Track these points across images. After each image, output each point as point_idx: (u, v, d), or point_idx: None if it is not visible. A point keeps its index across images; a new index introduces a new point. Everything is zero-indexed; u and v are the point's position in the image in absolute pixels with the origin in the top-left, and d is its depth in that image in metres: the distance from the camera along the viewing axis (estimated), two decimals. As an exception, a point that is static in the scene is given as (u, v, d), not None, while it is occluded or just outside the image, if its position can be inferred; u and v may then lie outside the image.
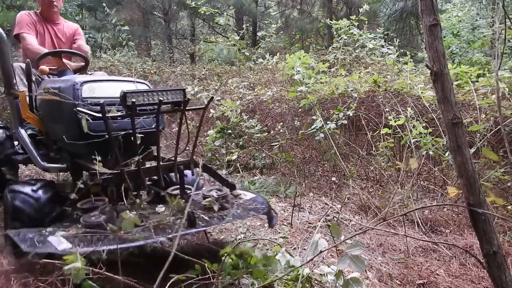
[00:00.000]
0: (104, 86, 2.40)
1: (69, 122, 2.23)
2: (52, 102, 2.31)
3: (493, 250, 1.20)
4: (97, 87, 2.35)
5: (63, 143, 2.36)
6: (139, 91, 2.01)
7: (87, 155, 2.28)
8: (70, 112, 2.20)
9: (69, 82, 2.28)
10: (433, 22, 1.10)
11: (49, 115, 2.47)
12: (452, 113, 1.15)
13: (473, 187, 1.20)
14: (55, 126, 2.44)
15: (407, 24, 7.01)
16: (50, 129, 2.54)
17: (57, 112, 2.32)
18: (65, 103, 2.20)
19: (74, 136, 2.21)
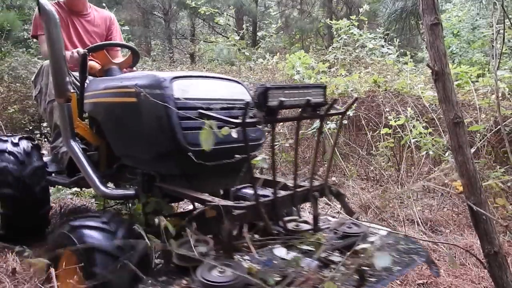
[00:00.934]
0: (198, 84, 1.81)
1: (156, 133, 1.64)
2: (122, 105, 1.78)
3: (494, 250, 1.20)
4: (190, 85, 1.74)
5: (137, 161, 1.83)
6: (281, 86, 1.44)
7: (177, 177, 1.74)
8: (157, 118, 1.61)
9: (152, 79, 1.68)
10: (434, 21, 1.10)
11: (113, 124, 1.88)
12: (454, 113, 1.15)
13: (474, 187, 1.20)
14: (123, 137, 1.86)
15: (407, 24, 7.01)
16: (113, 142, 1.93)
17: (132, 119, 1.73)
18: (148, 107, 1.62)
19: (162, 151, 1.67)
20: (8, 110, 6.20)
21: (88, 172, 1.89)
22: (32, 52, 9.24)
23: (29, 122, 6.19)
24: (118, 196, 1.92)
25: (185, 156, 1.59)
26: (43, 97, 2.47)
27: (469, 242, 2.61)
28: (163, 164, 1.74)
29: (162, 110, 1.59)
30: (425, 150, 3.36)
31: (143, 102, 1.61)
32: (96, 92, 1.98)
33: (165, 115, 1.59)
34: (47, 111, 2.43)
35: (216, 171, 1.70)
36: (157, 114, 1.61)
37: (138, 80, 1.73)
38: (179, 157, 1.65)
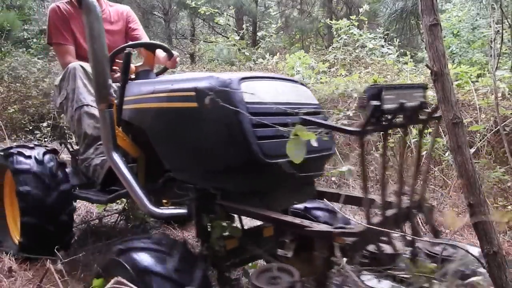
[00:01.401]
0: (266, 86, 1.61)
1: (224, 143, 1.44)
2: (178, 111, 1.56)
3: (493, 250, 1.20)
4: (258, 87, 1.54)
5: (194, 176, 1.62)
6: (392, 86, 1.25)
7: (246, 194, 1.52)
8: (226, 126, 1.41)
9: (217, 81, 1.47)
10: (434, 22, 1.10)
11: (164, 132, 1.65)
12: (453, 113, 1.15)
13: (473, 187, 1.20)
14: (178, 148, 1.61)
15: (407, 24, 7.01)
16: (164, 153, 1.69)
17: (191, 128, 1.52)
18: (213, 113, 1.41)
19: (232, 165, 1.46)
20: (8, 110, 6.20)
21: (135, 188, 1.65)
22: (32, 52, 9.25)
23: (29, 122, 6.20)
24: (168, 215, 1.69)
25: (260, 170, 1.40)
26: (70, 103, 2.23)
27: (469, 242, 2.61)
28: (231, 179, 1.51)
29: (231, 117, 1.37)
30: (425, 150, 3.35)
31: (206, 108, 1.38)
32: (140, 96, 1.76)
33: (236, 122, 1.37)
34: (75, 118, 2.20)
35: (290, 186, 1.52)
36: (225, 122, 1.40)
37: (197, 82, 1.52)
38: (253, 171, 1.43)
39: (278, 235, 1.63)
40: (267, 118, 1.38)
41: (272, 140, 1.40)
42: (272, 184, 1.49)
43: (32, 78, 6.61)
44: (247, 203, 1.49)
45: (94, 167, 2.12)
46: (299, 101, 1.64)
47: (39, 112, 6.27)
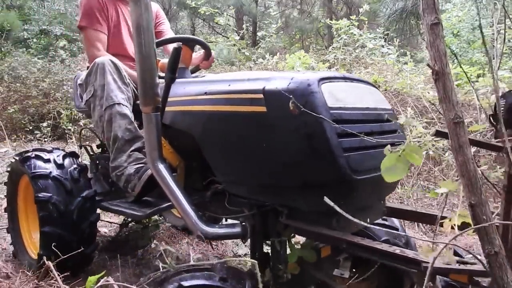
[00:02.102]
0: (346, 88, 1.38)
1: (302, 155, 1.22)
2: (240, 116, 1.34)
3: (494, 250, 1.19)
4: (339, 89, 1.33)
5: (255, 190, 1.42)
6: None
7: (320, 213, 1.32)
8: (305, 135, 1.20)
9: (293, 81, 1.25)
10: (435, 21, 1.09)
11: (220, 140, 1.45)
12: (454, 113, 1.15)
13: (474, 187, 1.20)
14: (238, 159, 1.41)
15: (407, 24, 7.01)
16: (217, 163, 1.50)
17: (257, 135, 1.31)
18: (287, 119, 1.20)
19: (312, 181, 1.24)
20: (8, 110, 6.20)
21: (183, 204, 1.44)
22: (32, 52, 9.25)
23: (29, 122, 6.19)
24: (222, 236, 1.47)
25: (345, 187, 1.21)
26: (98, 101, 1.97)
27: (469, 242, 2.61)
28: (308, 196, 1.28)
29: (313, 125, 1.17)
30: (425, 150, 3.35)
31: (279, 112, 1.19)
32: (187, 98, 1.57)
33: (319, 132, 1.16)
34: (104, 119, 1.94)
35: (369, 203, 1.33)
36: (305, 131, 1.18)
37: (265, 82, 1.30)
38: (337, 189, 1.22)
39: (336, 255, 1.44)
40: (352, 126, 1.20)
41: (359, 152, 1.20)
42: (356, 203, 1.27)
43: (32, 78, 6.60)
44: (321, 224, 1.29)
45: (128, 177, 1.86)
46: (377, 106, 1.45)
47: (39, 112, 6.27)
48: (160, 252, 2.32)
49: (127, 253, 2.36)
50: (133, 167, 1.86)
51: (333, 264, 1.42)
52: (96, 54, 2.15)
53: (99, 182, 2.16)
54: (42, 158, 2.00)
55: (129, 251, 2.41)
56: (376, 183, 1.12)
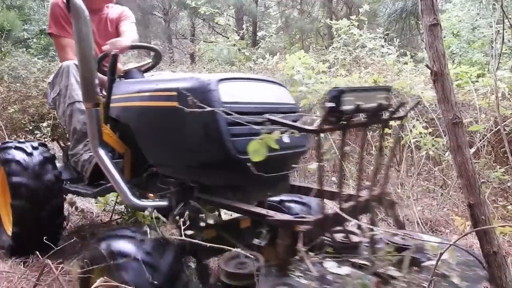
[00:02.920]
0: (244, 86, 1.69)
1: (201, 140, 1.53)
2: (161, 110, 1.65)
3: (493, 250, 1.20)
4: (236, 88, 1.63)
5: (175, 170, 1.74)
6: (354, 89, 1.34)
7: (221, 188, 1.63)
8: (203, 124, 1.49)
9: (197, 82, 1.56)
10: (433, 22, 1.10)
11: (148, 130, 1.77)
12: (453, 113, 1.15)
13: (473, 187, 1.20)
14: (161, 145, 1.73)
15: (407, 24, 7.02)
16: (148, 150, 1.82)
17: (173, 126, 1.62)
18: (193, 112, 1.43)
19: (208, 161, 1.55)
20: (8, 110, 6.20)
21: (118, 182, 1.76)
22: (32, 52, 9.26)
23: (29, 122, 6.19)
24: (149, 206, 1.73)
25: (233, 166, 1.48)
26: (62, 99, 2.30)
27: (469, 242, 2.61)
28: (208, 174, 1.61)
29: (209, 116, 1.43)
30: (425, 150, 3.36)
31: (186, 106, 1.44)
32: (126, 95, 1.87)
33: (213, 121, 1.46)
34: (67, 114, 2.27)
35: (265, 181, 1.53)
36: (203, 120, 1.47)
37: (179, 83, 1.60)
38: (227, 167, 1.53)
39: (255, 227, 1.74)
40: (243, 117, 1.42)
41: (246, 138, 1.39)
42: (245, 179, 1.53)
43: (32, 78, 6.60)
44: (222, 196, 1.60)
45: (83, 162, 2.22)
46: (277, 101, 1.75)
47: (39, 112, 6.26)
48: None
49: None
50: (88, 154, 2.19)
51: (254, 234, 1.71)
52: (65, 57, 2.46)
53: (68, 170, 2.49)
54: (15, 147, 2.37)
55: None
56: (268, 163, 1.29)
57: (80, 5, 1.80)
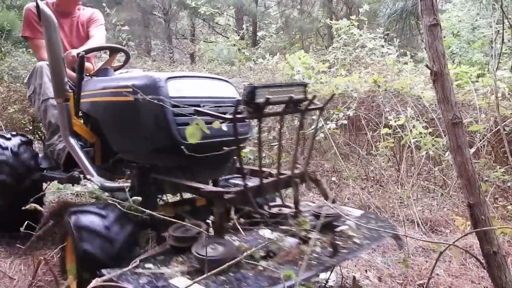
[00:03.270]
0: (191, 83, 1.94)
1: (153, 129, 1.79)
2: (120, 104, 1.90)
3: (493, 250, 1.20)
4: (183, 84, 1.88)
5: (134, 155, 2.00)
6: (267, 85, 1.59)
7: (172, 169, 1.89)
8: (154, 116, 1.75)
9: (148, 79, 1.82)
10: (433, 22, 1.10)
11: (111, 121, 2.03)
12: (452, 113, 1.15)
13: (473, 187, 1.20)
14: (122, 134, 2.00)
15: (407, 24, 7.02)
16: (112, 139, 2.08)
17: (130, 117, 1.87)
18: (145, 105, 1.70)
19: (159, 146, 1.82)
20: (8, 110, 6.19)
21: (87, 166, 2.06)
22: (32, 52, 9.24)
23: (29, 122, 6.18)
24: (114, 187, 1.96)
25: (179, 150, 1.67)
26: (37, 96, 2.55)
27: (469, 242, 2.61)
28: (160, 157, 1.90)
29: (158, 108, 1.71)
30: (425, 150, 3.36)
31: (141, 101, 1.66)
32: (94, 91, 2.12)
33: (161, 113, 1.73)
34: (41, 109, 2.53)
35: (208, 163, 1.84)
36: (154, 112, 1.75)
37: (135, 80, 1.86)
38: (174, 151, 1.75)
39: (210, 205, 1.98)
40: (186, 109, 1.69)
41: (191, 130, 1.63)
42: (191, 162, 1.78)
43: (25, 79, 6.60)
44: (173, 176, 1.86)
45: (58, 151, 2.46)
46: (220, 95, 2.00)
47: (34, 111, 6.26)
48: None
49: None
50: (62, 144, 2.41)
51: (208, 212, 1.93)
52: (41, 57, 2.72)
53: (47, 159, 2.71)
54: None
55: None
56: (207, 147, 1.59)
57: (50, 14, 2.05)
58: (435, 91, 1.19)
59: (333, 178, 3.89)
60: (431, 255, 2.53)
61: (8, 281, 2.05)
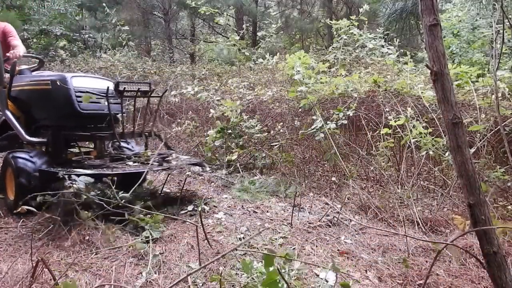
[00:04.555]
0: (85, 80, 3.28)
1: (62, 105, 3.07)
2: (42, 91, 3.13)
3: (493, 250, 1.20)
4: (81, 79, 3.23)
5: (50, 121, 3.22)
6: (126, 82, 3.20)
7: (74, 128, 3.17)
8: (64, 97, 3.03)
9: (61, 76, 3.14)
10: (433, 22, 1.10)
11: (35, 101, 3.23)
12: (452, 113, 1.15)
13: (473, 187, 1.20)
14: (43, 108, 3.21)
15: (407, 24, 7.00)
16: (35, 112, 3.30)
17: (48, 98, 3.12)
18: (59, 91, 3.00)
19: (66, 114, 3.10)
20: (8, 110, 6.18)
21: (18, 128, 3.12)
22: (32, 52, 9.23)
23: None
24: (37, 141, 3.13)
25: (78, 115, 3.07)
26: None
27: (469, 242, 2.61)
28: (66, 121, 3.15)
29: (66, 93, 3.01)
30: (425, 150, 3.36)
31: (55, 89, 3.01)
32: (23, 83, 3.28)
33: (68, 94, 3.02)
34: None
35: (97, 126, 3.25)
36: (64, 94, 3.01)
37: (53, 77, 3.14)
38: (75, 116, 3.08)
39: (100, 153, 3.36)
40: (83, 94, 3.03)
41: (86, 103, 3.03)
42: (85, 123, 3.24)
43: None
44: (75, 132, 3.15)
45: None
46: (101, 87, 3.11)
47: None
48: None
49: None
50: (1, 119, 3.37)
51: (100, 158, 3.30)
52: None
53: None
54: None
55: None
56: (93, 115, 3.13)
57: None
58: (435, 91, 1.19)
59: (333, 178, 3.89)
60: (431, 255, 2.53)
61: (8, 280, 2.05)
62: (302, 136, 4.21)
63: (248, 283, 1.93)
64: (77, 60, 8.21)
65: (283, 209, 3.20)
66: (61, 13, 10.07)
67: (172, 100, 5.65)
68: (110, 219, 2.57)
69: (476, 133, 3.43)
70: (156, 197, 3.24)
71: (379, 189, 3.59)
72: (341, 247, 2.57)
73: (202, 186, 3.84)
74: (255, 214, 3.09)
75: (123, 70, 7.06)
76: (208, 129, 4.83)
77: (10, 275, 2.03)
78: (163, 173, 3.86)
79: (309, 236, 2.70)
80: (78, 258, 2.22)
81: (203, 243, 2.48)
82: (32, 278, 1.86)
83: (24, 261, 2.20)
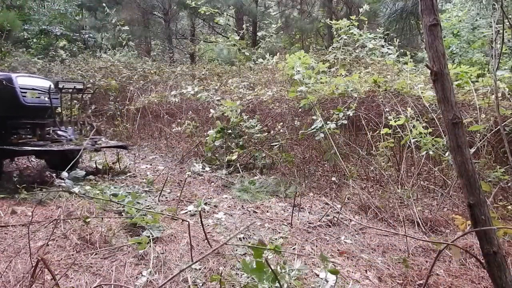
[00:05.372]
0: (28, 79, 3.95)
1: (9, 99, 3.67)
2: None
3: (493, 250, 1.20)
4: (25, 79, 3.90)
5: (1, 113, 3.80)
6: (64, 81, 4.21)
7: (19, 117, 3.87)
8: (10, 93, 3.64)
9: (8, 76, 3.75)
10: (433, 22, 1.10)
11: None
12: (452, 113, 1.15)
13: (473, 187, 1.20)
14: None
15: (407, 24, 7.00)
16: None
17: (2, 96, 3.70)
18: (5, 89, 3.60)
19: (13, 107, 3.71)
20: None
21: None
22: (32, 52, 9.25)
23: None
24: None
25: (22, 108, 3.71)
26: None
27: (469, 242, 2.61)
28: (16, 112, 3.77)
29: (13, 90, 3.64)
30: (425, 150, 3.36)
31: (4, 87, 3.58)
32: None
33: (14, 92, 3.65)
34: None
35: (39, 116, 3.96)
36: (10, 91, 3.63)
37: (1, 76, 3.68)
38: (20, 108, 3.71)
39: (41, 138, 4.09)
40: (27, 90, 3.75)
41: (30, 98, 3.73)
42: (29, 114, 3.88)
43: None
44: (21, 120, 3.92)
45: None
46: (43, 85, 3.91)
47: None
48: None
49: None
50: None
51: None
52: None
53: None
54: None
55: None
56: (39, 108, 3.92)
57: None
58: (435, 91, 1.19)
59: (333, 178, 3.89)
60: (431, 255, 2.53)
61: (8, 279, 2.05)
62: (302, 136, 4.21)
63: (248, 283, 1.93)
64: (77, 60, 8.21)
65: (283, 209, 3.20)
66: (61, 13, 10.08)
67: (172, 100, 5.65)
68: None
69: (476, 133, 3.43)
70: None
71: (379, 189, 3.59)
72: (341, 247, 2.57)
73: (202, 186, 3.84)
74: (255, 214, 3.10)
75: (123, 70, 7.06)
76: (208, 129, 4.83)
77: (10, 275, 2.03)
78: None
79: (309, 236, 2.70)
80: (78, 258, 2.22)
81: (203, 243, 2.48)
82: (32, 278, 1.86)
83: (24, 261, 2.20)
